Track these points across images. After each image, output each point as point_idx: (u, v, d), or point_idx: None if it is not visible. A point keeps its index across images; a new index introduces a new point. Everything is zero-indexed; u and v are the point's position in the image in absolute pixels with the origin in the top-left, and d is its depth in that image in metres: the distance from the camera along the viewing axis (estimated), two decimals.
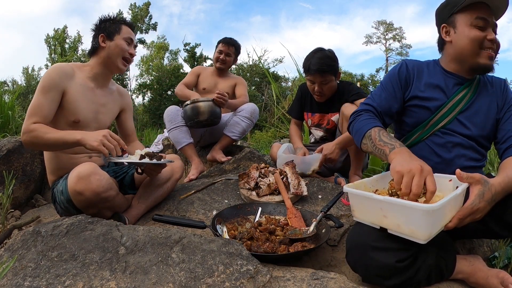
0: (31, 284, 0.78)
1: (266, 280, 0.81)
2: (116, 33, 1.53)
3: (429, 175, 0.83)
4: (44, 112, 1.32)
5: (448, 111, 1.17)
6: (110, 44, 1.51)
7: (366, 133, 1.09)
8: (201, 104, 2.17)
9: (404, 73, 1.23)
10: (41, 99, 1.33)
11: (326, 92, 1.95)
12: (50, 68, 1.40)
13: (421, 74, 1.23)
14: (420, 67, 1.24)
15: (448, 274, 1.00)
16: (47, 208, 2.09)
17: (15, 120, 3.52)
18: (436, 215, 0.80)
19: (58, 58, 18.38)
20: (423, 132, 1.20)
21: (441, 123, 1.17)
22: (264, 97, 10.71)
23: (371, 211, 0.92)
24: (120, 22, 1.56)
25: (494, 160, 2.49)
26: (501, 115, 1.16)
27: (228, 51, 2.53)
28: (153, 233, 0.96)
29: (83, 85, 1.46)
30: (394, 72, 1.25)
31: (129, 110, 1.74)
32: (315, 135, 2.21)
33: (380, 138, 1.03)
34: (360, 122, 1.14)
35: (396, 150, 0.96)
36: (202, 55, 16.73)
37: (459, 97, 1.17)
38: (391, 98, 1.21)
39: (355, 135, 1.15)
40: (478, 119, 1.16)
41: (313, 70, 1.86)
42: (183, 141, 2.22)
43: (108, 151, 1.22)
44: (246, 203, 1.43)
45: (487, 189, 0.88)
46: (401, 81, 1.22)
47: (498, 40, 1.12)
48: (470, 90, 1.18)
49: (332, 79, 1.92)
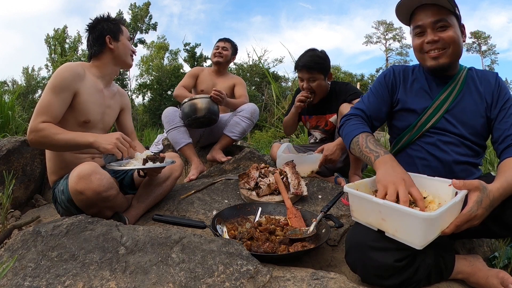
0: (31, 284, 0.78)
1: (266, 280, 0.81)
2: (119, 33, 1.56)
3: (411, 187, 0.89)
4: (54, 112, 1.31)
5: (434, 112, 1.18)
6: (118, 44, 1.54)
7: (353, 139, 1.14)
8: (198, 101, 2.17)
9: (391, 78, 1.28)
10: (51, 99, 1.31)
11: (316, 90, 1.98)
12: (62, 67, 1.38)
13: (407, 78, 1.27)
14: (406, 72, 1.29)
15: (447, 274, 1.00)
16: (47, 208, 2.09)
17: (15, 120, 3.52)
18: (433, 222, 0.81)
19: (58, 58, 18.38)
20: (412, 134, 1.22)
21: (429, 124, 1.18)
22: (264, 97, 10.72)
23: (370, 213, 0.92)
24: (119, 22, 1.59)
25: (494, 160, 2.49)
26: (495, 113, 1.15)
27: (224, 46, 2.62)
28: (153, 233, 0.96)
29: (93, 86, 1.46)
30: (382, 78, 1.31)
31: (128, 110, 1.75)
32: (315, 136, 2.22)
33: (367, 145, 1.08)
34: (349, 126, 1.20)
35: (380, 159, 1.00)
36: (202, 55, 16.73)
37: (443, 96, 1.18)
38: (379, 102, 1.26)
39: (344, 139, 1.21)
40: (465, 117, 1.16)
41: (300, 66, 1.95)
42: (182, 141, 2.21)
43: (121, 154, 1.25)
44: (246, 203, 1.43)
45: (485, 195, 0.87)
46: (388, 86, 1.27)
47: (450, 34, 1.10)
48: (455, 89, 1.18)
49: (321, 77, 1.96)
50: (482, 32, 30.17)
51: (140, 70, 21.63)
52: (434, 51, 1.13)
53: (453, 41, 1.11)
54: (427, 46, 1.14)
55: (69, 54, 18.38)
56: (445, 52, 1.13)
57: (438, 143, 1.17)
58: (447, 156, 1.15)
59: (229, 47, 2.63)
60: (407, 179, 0.91)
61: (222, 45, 2.62)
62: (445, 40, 1.11)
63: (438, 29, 1.12)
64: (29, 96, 16.50)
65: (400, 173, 0.93)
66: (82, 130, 1.41)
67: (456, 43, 1.12)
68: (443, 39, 1.11)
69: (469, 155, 1.16)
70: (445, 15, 1.11)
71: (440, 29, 1.11)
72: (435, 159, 1.16)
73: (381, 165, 0.98)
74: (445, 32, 1.11)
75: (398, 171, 0.94)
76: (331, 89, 2.07)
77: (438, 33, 1.11)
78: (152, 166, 1.32)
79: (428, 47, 1.14)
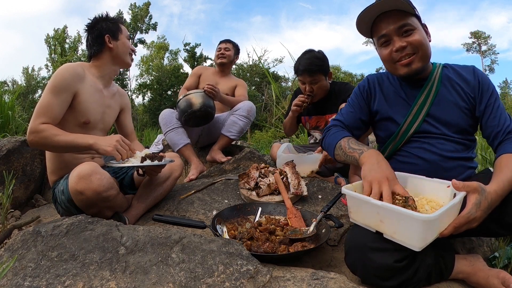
0: (31, 284, 0.78)
1: (266, 280, 0.81)
2: (119, 32, 1.56)
3: (396, 185, 0.91)
4: (54, 113, 1.31)
5: (414, 117, 1.17)
6: (117, 43, 1.54)
7: (336, 144, 1.15)
8: (192, 96, 2.18)
9: (366, 87, 1.28)
10: (51, 99, 1.31)
11: (317, 92, 1.99)
12: (62, 68, 1.38)
13: (382, 86, 1.27)
14: (381, 80, 1.28)
15: (447, 274, 1.00)
16: (47, 208, 2.09)
17: (15, 120, 3.53)
18: (432, 224, 0.81)
19: (58, 58, 18.40)
20: (396, 142, 1.21)
21: (411, 130, 1.17)
22: (264, 97, 10.72)
23: (368, 214, 0.92)
24: (118, 21, 1.59)
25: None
26: (481, 109, 1.13)
27: (226, 47, 2.64)
28: (153, 233, 0.96)
29: (93, 86, 1.46)
30: (357, 89, 1.31)
31: (128, 110, 1.75)
32: (315, 136, 2.22)
33: (349, 146, 1.09)
34: (330, 136, 1.21)
35: (365, 154, 1.01)
36: (202, 55, 16.74)
37: (421, 100, 1.17)
38: (356, 112, 1.27)
39: (328, 149, 1.22)
40: (447, 117, 1.14)
41: (301, 70, 1.95)
42: (180, 142, 2.21)
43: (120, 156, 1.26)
44: (246, 203, 1.43)
45: (483, 198, 0.87)
46: (364, 96, 1.28)
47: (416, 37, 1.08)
48: (432, 90, 1.16)
49: (322, 78, 1.97)
50: (482, 32, 30.16)
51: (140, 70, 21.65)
52: (405, 58, 1.11)
53: (421, 44, 1.09)
54: (397, 55, 1.11)
55: (69, 54, 18.39)
56: (416, 57, 1.11)
57: (424, 145, 1.16)
58: (436, 156, 1.13)
59: (231, 47, 2.65)
60: (390, 177, 0.92)
61: (224, 46, 2.64)
62: (414, 44, 1.09)
63: (403, 35, 1.09)
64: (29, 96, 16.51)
65: (385, 170, 0.94)
66: (82, 131, 1.41)
67: (424, 45, 1.10)
68: (411, 43, 1.09)
69: (458, 150, 1.15)
70: (407, 18, 1.08)
71: (405, 34, 1.09)
72: (425, 161, 1.15)
73: (366, 160, 1.00)
74: (411, 36, 1.09)
75: (383, 167, 0.95)
76: (331, 89, 2.07)
77: (404, 38, 1.09)
78: (151, 164, 1.33)
79: (398, 55, 1.11)
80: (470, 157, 1.18)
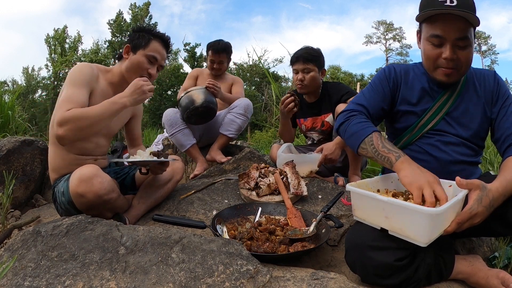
0: (31, 284, 0.78)
1: (266, 280, 0.81)
2: (141, 47, 1.44)
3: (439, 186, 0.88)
4: (79, 101, 1.26)
5: (434, 113, 1.16)
6: (132, 57, 1.44)
7: (366, 138, 1.06)
8: (194, 92, 2.18)
9: (393, 74, 1.23)
10: (74, 91, 1.28)
11: (309, 83, 2.00)
12: (80, 64, 1.36)
13: (407, 77, 1.23)
14: (407, 70, 1.24)
15: (447, 274, 1.00)
16: (47, 208, 2.09)
17: (15, 120, 3.52)
18: (438, 219, 0.81)
19: (58, 58, 18.39)
20: (412, 135, 1.20)
21: (429, 125, 1.17)
22: (264, 97, 10.71)
23: (373, 211, 0.92)
24: (152, 36, 1.47)
25: (494, 160, 2.49)
26: (495, 111, 1.13)
27: (220, 59, 2.51)
28: (153, 233, 0.96)
29: (104, 90, 1.43)
30: (383, 74, 1.24)
31: (139, 117, 1.74)
32: (313, 137, 2.22)
33: (384, 145, 1.02)
34: (356, 125, 1.11)
35: (403, 159, 0.96)
36: (202, 55, 16.73)
37: (444, 98, 1.16)
38: (380, 98, 1.20)
39: (351, 138, 1.12)
40: (465, 120, 1.15)
41: (295, 57, 2.01)
42: (187, 143, 2.24)
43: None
44: (246, 203, 1.43)
45: (485, 194, 0.88)
46: (389, 83, 1.22)
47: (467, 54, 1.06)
48: (455, 91, 1.16)
49: (315, 70, 1.99)
50: (482, 32, 30.18)
51: None
52: (448, 68, 1.08)
53: (468, 63, 1.08)
54: (442, 62, 1.08)
55: (69, 54, 18.38)
56: (457, 72, 1.09)
57: (437, 143, 1.16)
58: (446, 156, 1.14)
59: (224, 58, 2.53)
60: (436, 179, 0.90)
61: (217, 59, 2.50)
62: (461, 61, 1.07)
63: (457, 46, 1.05)
64: (29, 96, 16.50)
65: (429, 173, 0.92)
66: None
67: (469, 64, 1.09)
68: (459, 60, 1.06)
69: (468, 154, 1.16)
70: (468, 30, 1.03)
71: (459, 47, 1.05)
72: (435, 159, 1.16)
73: (404, 165, 0.94)
74: (463, 51, 1.05)
75: (425, 171, 0.92)
76: (323, 89, 2.08)
77: (457, 50, 1.05)
78: (154, 160, 1.33)
79: (443, 64, 1.08)
80: (477, 162, 1.19)
